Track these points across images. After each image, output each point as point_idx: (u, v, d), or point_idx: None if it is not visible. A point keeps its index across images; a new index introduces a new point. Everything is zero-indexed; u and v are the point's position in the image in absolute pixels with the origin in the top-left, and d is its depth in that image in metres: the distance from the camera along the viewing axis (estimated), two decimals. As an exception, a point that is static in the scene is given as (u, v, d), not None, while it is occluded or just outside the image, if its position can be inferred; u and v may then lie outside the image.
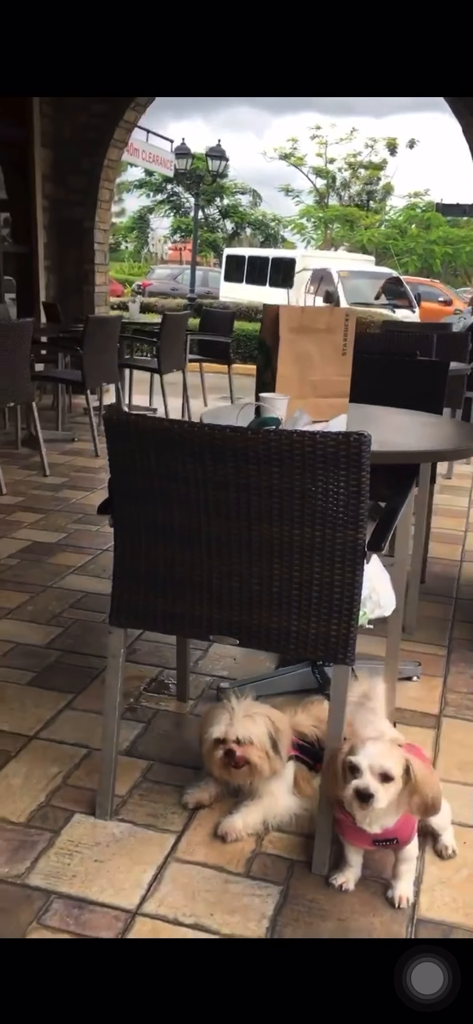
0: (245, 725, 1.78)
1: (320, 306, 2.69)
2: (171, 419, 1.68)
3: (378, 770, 1.53)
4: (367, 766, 1.53)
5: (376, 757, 1.54)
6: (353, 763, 1.55)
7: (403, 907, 1.64)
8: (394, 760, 1.55)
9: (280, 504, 1.62)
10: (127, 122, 7.64)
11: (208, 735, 1.81)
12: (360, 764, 1.54)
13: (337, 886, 1.68)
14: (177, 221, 33.33)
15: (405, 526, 2.11)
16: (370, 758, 1.54)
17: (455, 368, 4.18)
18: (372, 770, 1.53)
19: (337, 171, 29.22)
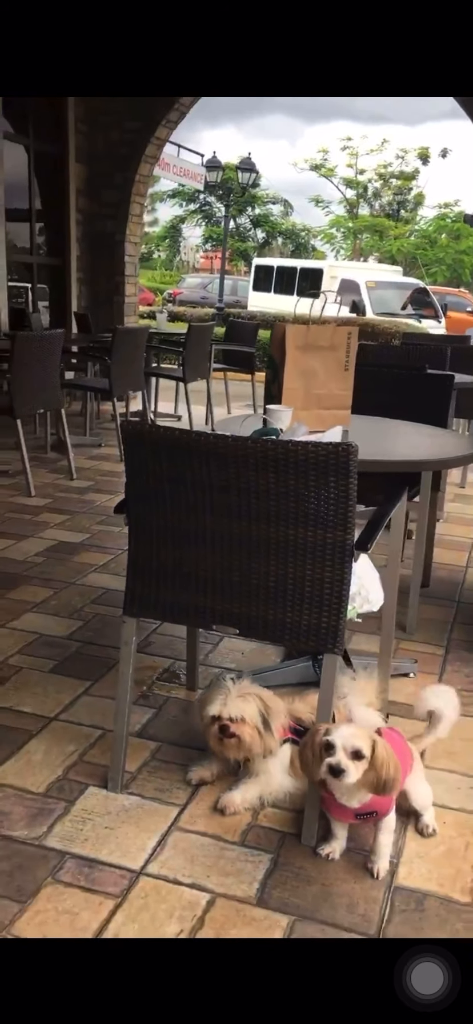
0: (237, 704, 1.95)
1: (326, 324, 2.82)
2: (180, 428, 1.87)
3: (350, 748, 1.71)
4: (340, 745, 1.71)
5: (348, 737, 1.72)
6: (328, 741, 1.72)
7: (380, 877, 1.79)
8: (365, 741, 1.73)
9: (276, 506, 1.79)
10: (158, 139, 7.89)
11: (206, 712, 1.99)
12: (334, 742, 1.71)
13: (324, 855, 1.84)
14: (209, 230, 33.70)
15: (398, 530, 2.27)
16: (343, 738, 1.72)
17: (464, 381, 4.31)
18: (345, 749, 1.71)
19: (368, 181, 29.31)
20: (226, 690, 1.97)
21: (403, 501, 2.24)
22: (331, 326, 2.37)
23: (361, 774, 1.71)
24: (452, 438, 2.79)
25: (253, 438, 1.81)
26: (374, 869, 1.80)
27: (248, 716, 1.94)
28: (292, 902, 1.72)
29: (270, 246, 32.12)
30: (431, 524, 3.55)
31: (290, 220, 33.25)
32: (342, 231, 29.60)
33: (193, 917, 1.66)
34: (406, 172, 29.16)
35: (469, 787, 2.14)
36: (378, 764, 1.71)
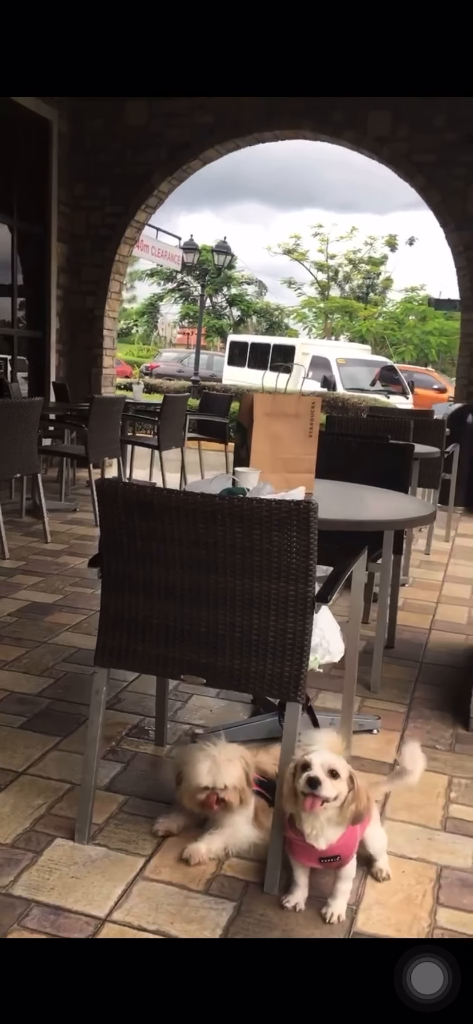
0: (228, 771, 1.99)
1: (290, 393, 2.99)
2: (153, 486, 1.98)
3: (327, 767, 1.79)
4: (318, 763, 1.80)
5: (326, 756, 1.82)
6: (305, 761, 1.81)
7: (333, 923, 1.84)
8: (341, 764, 1.82)
9: (242, 560, 1.90)
10: (137, 222, 8.23)
11: (192, 780, 2.01)
12: (312, 761, 1.80)
13: (290, 907, 1.88)
14: (186, 308, 34.60)
15: (358, 588, 2.38)
16: (321, 756, 1.81)
17: (426, 452, 4.51)
18: (322, 766, 1.79)
19: (338, 266, 30.49)
20: (212, 757, 2.01)
21: (363, 559, 2.36)
22: (296, 395, 2.53)
23: (335, 793, 1.78)
24: (411, 502, 2.94)
25: (221, 495, 1.92)
26: (328, 913, 1.85)
27: (236, 781, 1.99)
28: (254, 947, 1.76)
29: (245, 324, 33.05)
30: (395, 587, 3.69)
31: (264, 300, 34.34)
32: (314, 311, 30.62)
33: (157, 961, 1.70)
34: (375, 258, 30.43)
35: (427, 838, 2.21)
36: (359, 793, 1.81)
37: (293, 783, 1.82)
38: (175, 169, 7.93)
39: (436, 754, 2.69)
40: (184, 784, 2.06)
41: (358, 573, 2.34)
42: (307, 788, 1.78)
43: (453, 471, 6.06)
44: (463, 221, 7.25)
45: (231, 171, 45.22)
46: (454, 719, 2.94)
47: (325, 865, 1.87)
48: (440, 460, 5.18)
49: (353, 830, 1.86)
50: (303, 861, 1.89)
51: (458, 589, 4.72)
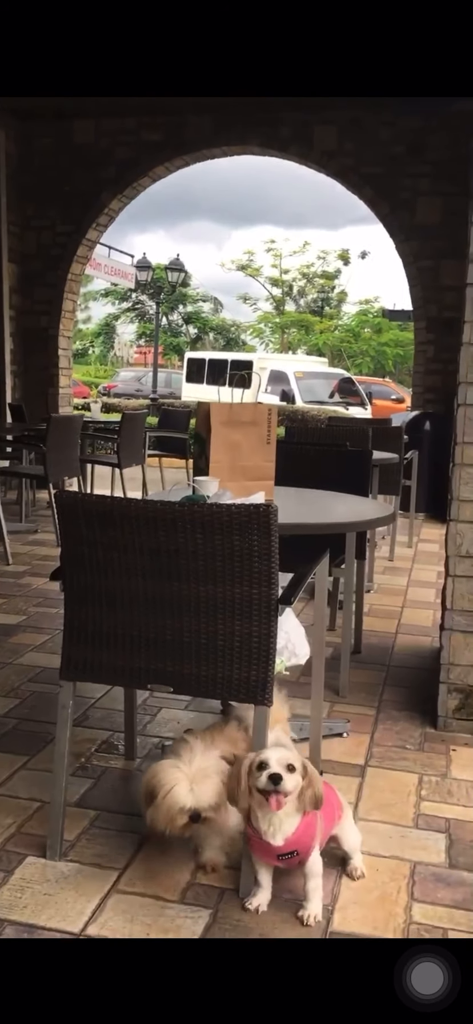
0: (206, 789, 1.90)
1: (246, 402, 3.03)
2: (112, 496, 1.98)
3: (284, 762, 1.80)
4: (275, 760, 1.80)
5: (280, 752, 1.83)
6: (262, 760, 1.81)
7: (310, 924, 1.84)
8: (294, 756, 1.84)
9: (205, 566, 1.90)
10: (89, 240, 8.22)
11: (171, 804, 1.89)
12: (268, 759, 1.80)
13: (253, 909, 1.87)
14: (142, 327, 34.60)
15: (321, 593, 2.41)
16: (276, 753, 1.82)
17: (384, 458, 4.58)
18: (279, 762, 1.80)
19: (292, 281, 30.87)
20: (189, 777, 1.91)
21: (325, 563, 2.39)
22: (252, 404, 2.55)
23: (294, 784, 1.79)
24: (371, 505, 2.99)
25: (181, 502, 1.93)
26: (305, 915, 1.85)
27: (217, 798, 1.92)
28: (231, 952, 1.76)
29: (202, 341, 33.18)
30: (360, 592, 3.73)
31: (220, 316, 34.55)
32: (270, 326, 30.90)
33: (133, 973, 1.68)
34: (328, 272, 30.89)
35: (400, 836, 2.23)
36: (313, 779, 1.82)
37: (249, 781, 1.82)
38: (125, 187, 7.95)
39: (406, 754, 2.73)
40: (161, 807, 1.92)
41: (321, 577, 2.37)
42: (270, 786, 1.78)
43: (413, 477, 6.17)
44: (411, 232, 7.42)
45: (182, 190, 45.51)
46: (423, 719, 2.98)
47: (285, 863, 1.87)
48: (399, 466, 5.26)
49: (309, 823, 1.85)
50: (263, 859, 1.89)
51: (422, 593, 4.79)
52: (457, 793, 2.48)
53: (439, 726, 2.90)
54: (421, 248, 7.40)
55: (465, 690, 2.88)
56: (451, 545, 2.85)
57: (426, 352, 7.67)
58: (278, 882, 1.96)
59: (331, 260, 30.62)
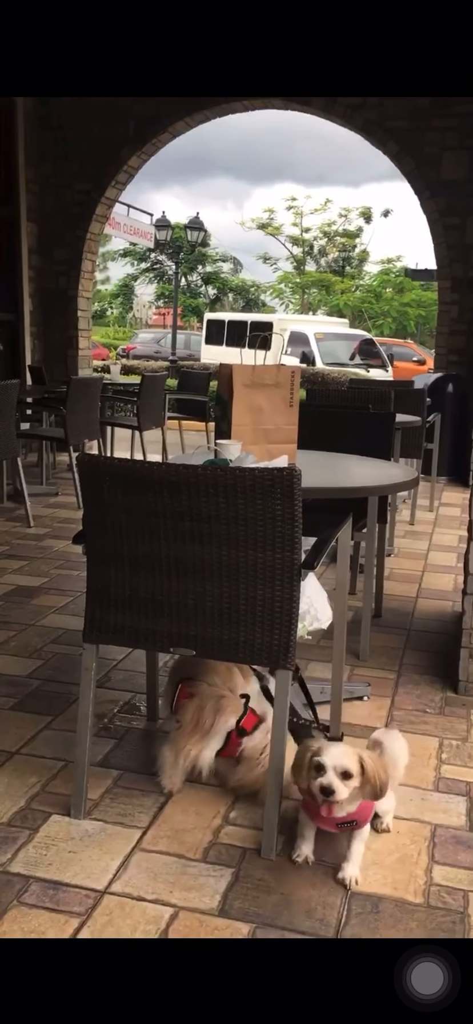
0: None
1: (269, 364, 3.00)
2: (134, 459, 1.97)
3: (340, 769, 1.82)
4: (331, 765, 1.82)
5: (338, 758, 1.84)
6: (319, 762, 1.83)
7: (353, 887, 1.86)
8: (352, 760, 1.85)
9: (227, 530, 1.89)
10: (108, 199, 8.13)
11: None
12: (325, 763, 1.83)
13: (301, 860, 1.91)
14: (160, 288, 34.34)
15: (344, 557, 2.39)
16: (333, 759, 1.83)
17: (407, 420, 4.52)
18: (335, 769, 1.82)
19: (313, 240, 30.37)
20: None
21: (348, 527, 2.37)
22: (275, 365, 2.52)
23: (350, 792, 1.83)
24: (393, 468, 2.95)
25: (204, 466, 1.92)
26: (346, 877, 1.87)
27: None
28: (253, 911, 1.78)
29: (221, 302, 32.85)
30: (381, 557, 3.71)
31: (239, 277, 34.14)
32: (290, 286, 30.49)
33: (157, 930, 1.71)
34: (350, 230, 30.32)
35: (420, 799, 2.24)
36: (371, 776, 1.85)
37: (308, 773, 1.86)
38: (144, 143, 7.83)
39: (426, 717, 2.73)
40: None
41: (343, 542, 2.35)
42: (322, 796, 1.82)
43: (435, 441, 6.09)
44: (437, 187, 7.24)
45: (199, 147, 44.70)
46: (443, 683, 2.97)
47: (341, 829, 1.91)
48: (422, 429, 5.20)
49: (367, 803, 1.91)
50: (322, 825, 1.92)
51: (443, 557, 4.76)
52: (478, 758, 2.48)
53: (460, 691, 2.89)
54: (447, 205, 7.22)
55: (487, 655, 2.86)
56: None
57: (450, 312, 7.53)
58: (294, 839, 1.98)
59: (353, 218, 30.08)
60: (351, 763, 1.84)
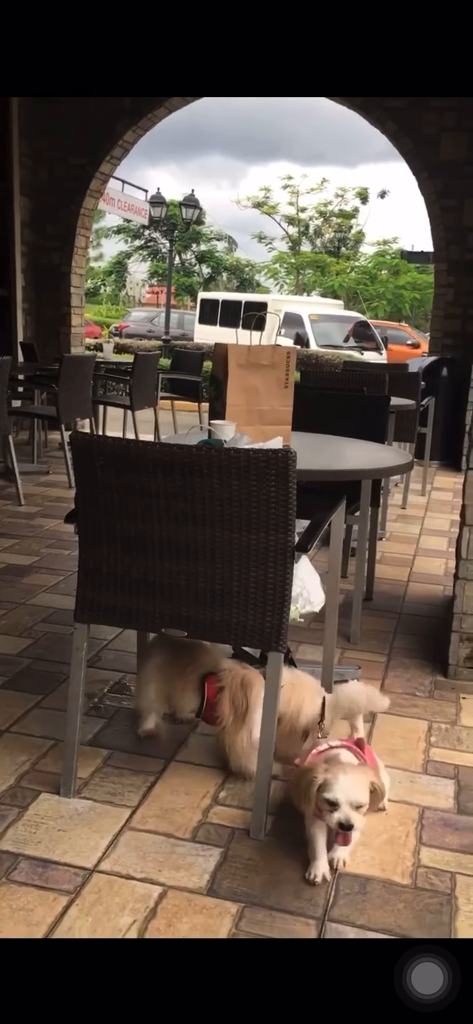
0: None
1: (265, 344, 2.97)
2: (128, 439, 1.95)
3: (355, 803, 1.79)
4: (345, 800, 1.78)
5: (350, 791, 1.79)
6: (330, 799, 1.78)
7: (340, 868, 1.85)
8: (364, 789, 1.82)
9: (221, 511, 1.88)
10: (102, 173, 8.03)
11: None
12: (338, 800, 1.78)
13: (319, 880, 1.81)
14: (154, 266, 34.06)
15: (337, 540, 2.39)
16: (345, 792, 1.78)
17: (402, 404, 4.52)
18: (350, 803, 1.78)
19: (309, 219, 30.17)
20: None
21: (342, 510, 2.36)
22: (271, 346, 2.50)
23: (363, 819, 1.82)
24: (388, 452, 2.95)
25: (198, 446, 1.90)
26: (334, 857, 1.86)
27: None
28: (241, 890, 1.79)
29: (215, 281, 32.65)
30: (373, 540, 3.71)
31: (234, 256, 33.91)
32: (285, 267, 30.31)
33: (145, 908, 1.72)
34: (346, 211, 30.14)
35: (409, 781, 2.25)
36: (380, 795, 1.86)
37: (315, 797, 1.81)
38: (140, 117, 7.72)
39: (416, 701, 2.74)
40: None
41: (337, 525, 2.35)
42: (338, 830, 1.79)
43: (429, 425, 6.09)
44: (436, 168, 7.19)
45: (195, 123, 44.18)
46: (433, 667, 2.99)
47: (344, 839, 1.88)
48: (416, 413, 5.19)
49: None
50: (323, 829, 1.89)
51: (435, 541, 4.77)
52: (467, 741, 2.50)
53: (450, 674, 2.91)
54: (445, 186, 7.18)
55: (478, 640, 2.87)
56: (469, 493, 2.81)
57: (446, 296, 7.50)
58: (287, 820, 1.99)
59: (349, 199, 29.88)
60: (362, 795, 1.80)
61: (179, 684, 2.24)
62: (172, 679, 2.26)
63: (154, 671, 2.28)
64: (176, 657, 2.25)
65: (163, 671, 2.27)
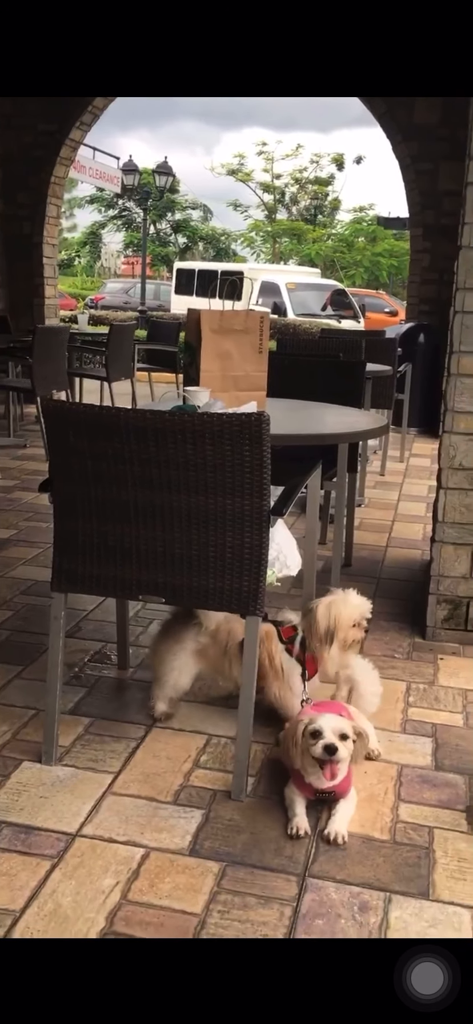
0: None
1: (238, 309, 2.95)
2: (100, 405, 1.94)
3: (338, 731, 1.86)
4: (329, 729, 1.85)
5: (334, 722, 1.87)
6: (315, 728, 1.86)
7: (338, 842, 1.85)
8: (347, 724, 1.89)
9: (196, 476, 1.88)
10: (73, 140, 7.87)
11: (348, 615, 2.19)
12: (322, 728, 1.85)
13: (302, 834, 1.86)
14: (129, 236, 33.61)
15: (314, 505, 2.40)
16: (330, 722, 1.87)
17: (378, 370, 4.52)
18: (334, 732, 1.86)
19: (285, 187, 29.89)
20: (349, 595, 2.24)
21: (317, 475, 2.37)
22: (244, 311, 2.49)
23: (348, 752, 1.87)
24: (363, 416, 2.96)
25: (171, 411, 1.89)
26: (331, 832, 1.86)
27: None
28: (223, 850, 1.81)
29: (191, 251, 32.30)
30: (351, 506, 3.73)
31: (210, 225, 33.53)
32: (261, 235, 30.05)
33: (128, 870, 1.74)
34: (321, 177, 29.87)
35: (388, 740, 2.29)
36: (363, 737, 1.92)
37: (303, 743, 1.88)
38: (112, 83, 7.56)
39: (395, 662, 2.77)
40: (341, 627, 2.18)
41: (313, 490, 2.36)
42: (325, 756, 1.84)
43: (406, 391, 6.10)
44: (409, 132, 7.14)
45: (168, 89, 43.04)
46: (411, 629, 3.02)
47: (320, 798, 1.94)
48: (393, 379, 5.20)
49: (351, 770, 1.95)
50: (304, 794, 1.94)
51: (413, 507, 4.80)
52: (444, 700, 2.54)
53: (427, 636, 2.95)
54: (420, 149, 7.14)
55: (454, 601, 2.91)
56: (444, 457, 2.83)
57: (422, 261, 7.49)
58: (268, 782, 2.02)
59: (325, 165, 29.60)
60: (347, 727, 1.88)
61: (224, 661, 2.23)
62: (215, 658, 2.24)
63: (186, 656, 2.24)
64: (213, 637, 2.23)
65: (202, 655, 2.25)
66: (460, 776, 2.13)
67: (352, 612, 2.18)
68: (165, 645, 2.25)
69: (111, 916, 1.61)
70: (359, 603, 2.22)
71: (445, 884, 1.74)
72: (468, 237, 2.65)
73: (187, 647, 2.23)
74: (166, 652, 2.24)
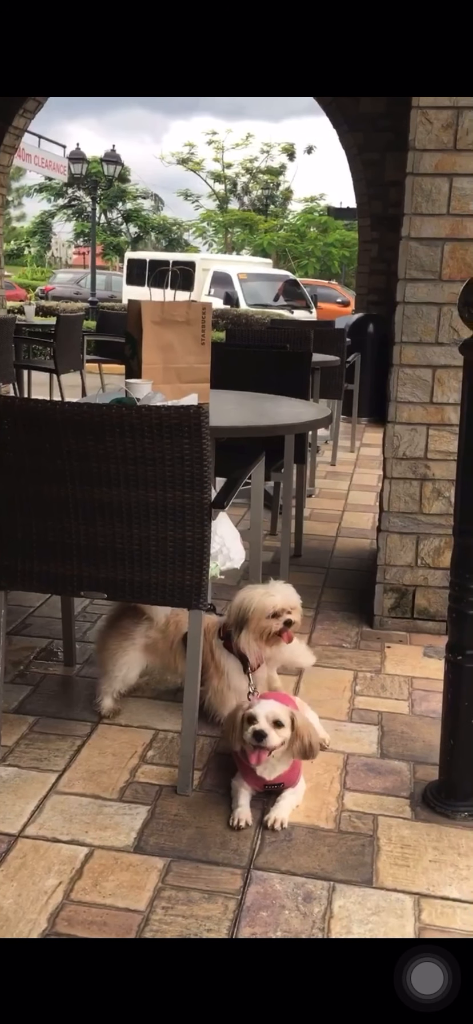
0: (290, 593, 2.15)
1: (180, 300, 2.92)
2: (36, 399, 1.90)
3: (272, 718, 1.85)
4: (263, 715, 1.84)
5: (269, 708, 1.86)
6: (250, 714, 1.85)
7: (276, 828, 1.86)
8: (284, 712, 1.87)
9: (135, 470, 1.86)
10: (16, 128, 7.70)
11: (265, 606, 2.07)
12: (256, 714, 1.85)
13: (243, 825, 1.86)
14: (80, 225, 33.11)
15: (258, 497, 2.40)
16: (264, 708, 1.86)
17: (326, 360, 4.55)
18: (267, 718, 1.85)
19: (236, 176, 29.84)
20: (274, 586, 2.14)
21: (261, 466, 2.37)
22: (186, 302, 2.47)
23: (281, 740, 1.85)
24: (308, 407, 2.97)
25: (108, 405, 1.87)
26: (269, 819, 1.88)
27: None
28: (168, 846, 1.80)
29: (143, 241, 32.00)
30: (301, 497, 3.75)
31: (161, 215, 33.27)
32: (213, 225, 29.96)
33: (71, 870, 1.71)
34: (273, 167, 29.91)
35: (335, 730, 2.30)
36: (300, 731, 1.88)
37: (241, 731, 1.87)
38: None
39: (343, 652, 2.80)
40: (254, 616, 2.08)
41: (257, 482, 2.36)
42: (253, 741, 1.83)
43: (355, 381, 6.15)
44: (356, 122, 7.19)
45: (115, 75, 42.36)
46: (360, 618, 3.05)
47: (269, 790, 1.94)
48: (341, 370, 5.24)
49: (298, 763, 1.94)
50: (252, 785, 1.94)
51: (363, 497, 4.85)
52: (390, 687, 2.57)
53: (375, 625, 2.98)
54: (366, 139, 7.20)
55: (400, 589, 2.95)
56: (388, 447, 2.86)
57: (370, 251, 7.57)
58: (214, 776, 2.01)
59: (275, 155, 29.64)
60: (282, 714, 1.87)
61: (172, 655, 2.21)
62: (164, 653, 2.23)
63: (136, 652, 2.22)
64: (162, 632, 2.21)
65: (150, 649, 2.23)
66: (405, 763, 2.16)
67: (267, 602, 2.08)
68: (114, 640, 2.23)
69: (53, 917, 1.58)
70: (282, 594, 2.12)
71: (388, 871, 1.76)
72: (407, 228, 2.68)
73: (136, 642, 2.21)
74: (115, 647, 2.22)
